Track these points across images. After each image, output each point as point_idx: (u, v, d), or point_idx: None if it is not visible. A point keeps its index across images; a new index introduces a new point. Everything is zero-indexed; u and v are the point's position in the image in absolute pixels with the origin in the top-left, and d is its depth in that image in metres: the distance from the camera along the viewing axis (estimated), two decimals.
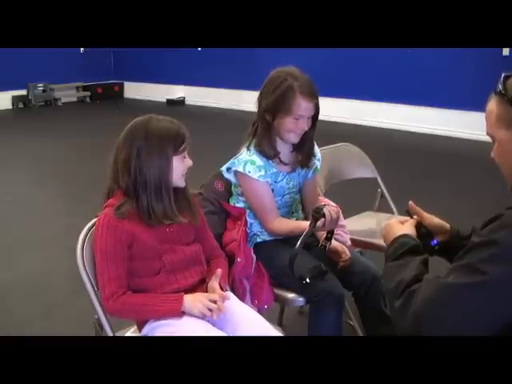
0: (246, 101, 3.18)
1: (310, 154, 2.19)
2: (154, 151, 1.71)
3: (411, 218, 1.62)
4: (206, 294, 1.73)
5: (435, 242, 1.61)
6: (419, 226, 1.60)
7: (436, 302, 1.21)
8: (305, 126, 2.06)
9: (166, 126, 1.75)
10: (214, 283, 1.78)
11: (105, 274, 1.70)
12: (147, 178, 1.71)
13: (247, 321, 1.79)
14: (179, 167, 1.76)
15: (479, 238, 1.23)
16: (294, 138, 2.10)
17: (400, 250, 1.42)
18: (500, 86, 1.28)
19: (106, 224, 1.71)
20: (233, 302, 1.84)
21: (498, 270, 1.16)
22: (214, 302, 1.70)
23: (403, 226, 1.54)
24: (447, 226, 1.66)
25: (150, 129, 1.73)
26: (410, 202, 1.66)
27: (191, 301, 1.70)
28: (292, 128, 2.05)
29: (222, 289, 1.79)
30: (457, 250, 1.33)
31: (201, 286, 1.81)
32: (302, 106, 2.02)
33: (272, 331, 1.77)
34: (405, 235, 1.48)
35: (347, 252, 2.10)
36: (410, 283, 1.28)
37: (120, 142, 1.75)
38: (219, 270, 1.81)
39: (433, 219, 1.65)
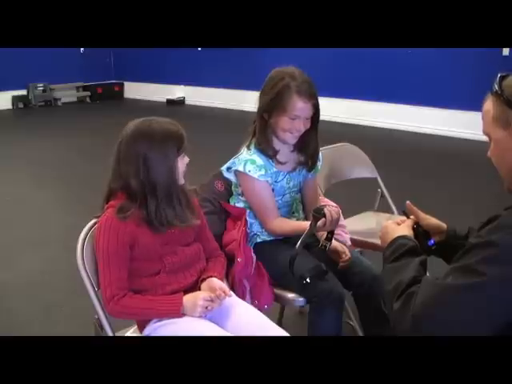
0: (246, 101, 3.19)
1: (314, 156, 2.18)
2: (160, 155, 1.71)
3: (408, 218, 1.62)
4: (202, 296, 1.73)
5: (432, 242, 1.61)
6: (416, 226, 1.60)
7: (435, 304, 1.20)
8: (301, 126, 2.05)
9: (167, 128, 1.74)
10: (215, 285, 1.79)
11: (106, 275, 1.70)
12: (157, 182, 1.71)
13: (249, 318, 1.80)
14: (181, 167, 1.77)
15: (477, 239, 1.22)
16: (290, 139, 2.09)
17: (398, 251, 1.42)
18: (496, 86, 1.28)
19: (108, 226, 1.71)
20: (233, 301, 1.84)
21: (497, 270, 1.16)
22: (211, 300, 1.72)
23: (400, 228, 1.54)
24: (444, 226, 1.66)
25: (153, 133, 1.72)
26: (408, 202, 1.66)
27: (191, 306, 1.70)
28: (288, 128, 2.05)
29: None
30: (454, 250, 1.33)
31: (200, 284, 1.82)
32: (298, 106, 2.01)
33: (274, 327, 1.78)
34: (402, 237, 1.48)
35: (347, 252, 2.10)
36: (408, 285, 1.28)
37: (123, 147, 1.73)
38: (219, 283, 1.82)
39: (429, 219, 1.65)
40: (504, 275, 1.16)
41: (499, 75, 1.30)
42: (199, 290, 1.79)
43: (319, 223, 1.94)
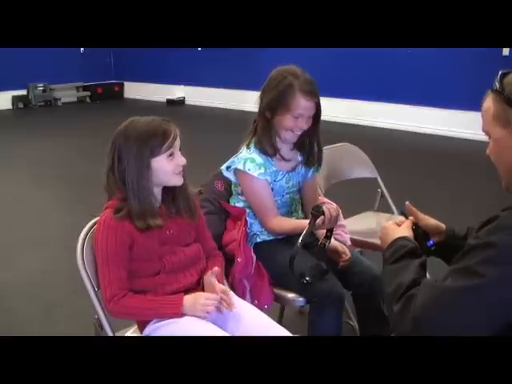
0: (246, 101, 3.18)
1: (315, 154, 2.19)
2: (131, 156, 1.70)
3: (407, 218, 1.62)
4: (204, 295, 1.73)
5: (431, 242, 1.61)
6: (415, 226, 1.59)
7: (435, 306, 1.20)
8: (304, 124, 2.05)
9: (143, 127, 1.73)
10: (211, 279, 1.79)
11: (106, 275, 1.70)
12: (127, 181, 1.71)
13: (249, 317, 1.80)
14: (166, 167, 1.73)
15: (476, 240, 1.22)
16: (292, 137, 2.09)
17: (398, 253, 1.42)
18: (497, 84, 1.28)
19: (107, 225, 1.71)
20: (234, 301, 1.84)
21: (496, 271, 1.16)
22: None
23: (400, 229, 1.54)
24: (443, 226, 1.65)
25: (127, 133, 1.72)
26: (407, 203, 1.66)
27: (191, 305, 1.71)
28: (291, 126, 2.05)
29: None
30: (453, 250, 1.32)
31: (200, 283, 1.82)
32: (302, 104, 2.02)
33: (275, 327, 1.78)
34: (402, 238, 1.47)
35: (347, 252, 2.10)
36: (408, 287, 1.28)
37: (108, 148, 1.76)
38: (216, 269, 1.82)
39: (428, 220, 1.65)
40: (503, 276, 1.16)
41: (500, 72, 1.29)
42: (203, 290, 1.79)
43: (318, 221, 1.94)
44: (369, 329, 2.19)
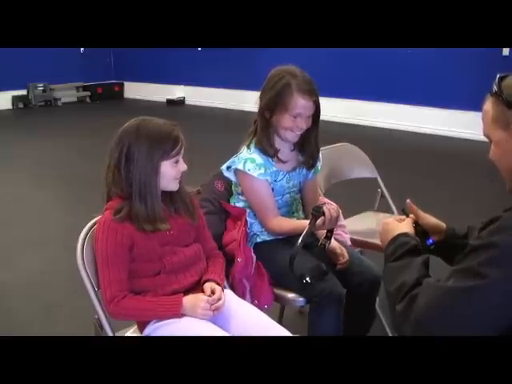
0: (246, 101, 3.18)
1: (314, 155, 2.19)
2: (141, 155, 1.70)
3: (407, 216, 1.62)
4: (205, 298, 1.73)
5: (431, 241, 1.61)
6: (415, 224, 1.59)
7: (437, 307, 1.20)
8: (303, 124, 2.05)
9: (156, 128, 1.73)
10: (212, 285, 1.79)
11: (106, 276, 1.70)
12: (133, 181, 1.71)
13: (249, 317, 1.81)
14: (170, 172, 1.74)
15: (478, 241, 1.22)
16: (292, 137, 2.09)
17: (400, 249, 1.42)
18: (495, 87, 1.28)
19: (106, 227, 1.71)
20: (233, 301, 1.84)
21: (498, 272, 1.16)
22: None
23: (402, 225, 1.54)
24: (443, 225, 1.65)
25: (139, 132, 1.71)
26: (408, 201, 1.66)
27: (191, 307, 1.71)
28: (290, 126, 2.05)
29: (219, 286, 1.80)
30: (453, 249, 1.32)
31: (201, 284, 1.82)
32: (299, 103, 2.01)
33: (275, 326, 1.78)
34: (404, 234, 1.47)
35: (345, 254, 2.10)
36: (411, 286, 1.27)
37: (112, 145, 1.75)
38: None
39: (429, 219, 1.65)
40: (506, 277, 1.15)
41: (498, 76, 1.30)
42: (202, 291, 1.79)
43: (318, 221, 1.94)
44: (357, 328, 2.18)
